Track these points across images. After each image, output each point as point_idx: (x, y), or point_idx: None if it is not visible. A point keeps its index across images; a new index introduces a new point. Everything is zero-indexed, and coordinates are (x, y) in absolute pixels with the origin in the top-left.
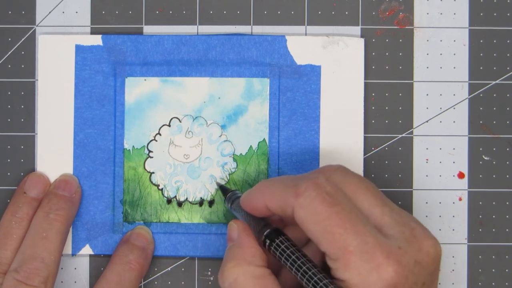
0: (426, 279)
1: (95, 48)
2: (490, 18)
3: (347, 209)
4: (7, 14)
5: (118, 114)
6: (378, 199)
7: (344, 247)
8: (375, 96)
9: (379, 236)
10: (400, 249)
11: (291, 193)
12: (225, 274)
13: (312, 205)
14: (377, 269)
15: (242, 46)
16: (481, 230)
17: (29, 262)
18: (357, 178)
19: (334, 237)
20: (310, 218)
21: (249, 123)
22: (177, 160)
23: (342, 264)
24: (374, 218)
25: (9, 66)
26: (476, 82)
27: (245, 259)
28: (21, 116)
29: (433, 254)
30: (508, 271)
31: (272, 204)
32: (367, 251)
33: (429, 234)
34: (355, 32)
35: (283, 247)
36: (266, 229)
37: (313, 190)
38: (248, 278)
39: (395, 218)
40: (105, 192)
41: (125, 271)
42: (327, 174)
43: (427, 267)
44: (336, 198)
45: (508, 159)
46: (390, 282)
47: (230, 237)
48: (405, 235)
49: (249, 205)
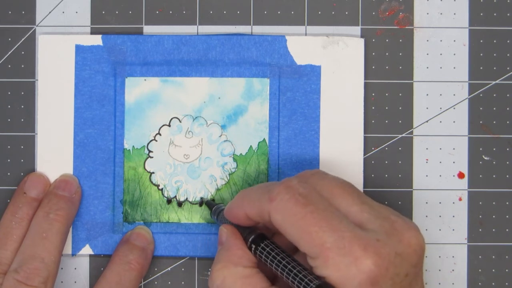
0: (409, 271)
1: (95, 48)
2: (490, 18)
3: (321, 208)
4: (7, 14)
5: (118, 114)
6: (355, 198)
7: (321, 244)
8: (375, 96)
9: (356, 231)
10: (379, 241)
11: (265, 198)
12: (213, 276)
13: (286, 208)
14: (355, 262)
15: (242, 46)
16: (481, 230)
17: (29, 262)
18: (334, 180)
19: (311, 236)
20: (285, 220)
21: (249, 123)
22: (177, 160)
23: (321, 261)
24: (353, 216)
25: (9, 66)
26: (476, 82)
27: (232, 261)
28: (21, 116)
29: (415, 245)
30: (508, 271)
31: (250, 212)
32: (344, 246)
33: (411, 225)
34: (355, 32)
35: (268, 250)
36: (251, 236)
37: (285, 193)
38: (235, 279)
39: (374, 214)
40: (105, 192)
41: (125, 271)
42: (302, 178)
43: (409, 259)
44: (309, 198)
45: (508, 159)
46: (369, 274)
47: (220, 241)
48: (384, 228)
49: (232, 215)
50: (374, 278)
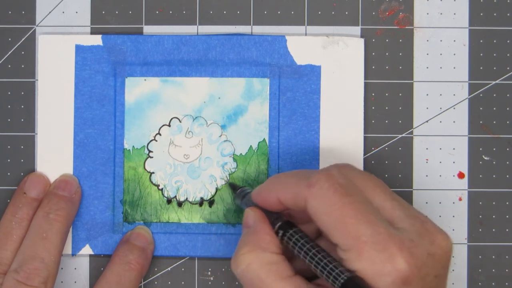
0: (439, 272)
1: (95, 48)
2: (490, 18)
3: (359, 200)
4: (7, 14)
5: (118, 114)
6: (387, 194)
7: (357, 237)
8: (375, 96)
9: (390, 228)
10: (413, 242)
11: (304, 184)
12: (238, 260)
13: (325, 196)
14: (391, 260)
15: (242, 46)
16: (481, 230)
17: (29, 263)
18: (366, 174)
19: (347, 227)
20: (322, 208)
21: (249, 123)
22: (177, 160)
23: (354, 254)
24: (385, 211)
25: (9, 66)
26: (476, 82)
27: (260, 246)
28: (21, 116)
29: (445, 247)
30: (508, 271)
31: (284, 197)
32: (380, 242)
33: (440, 228)
34: (355, 32)
35: (297, 237)
36: (279, 221)
37: (325, 181)
38: (261, 264)
39: (405, 212)
40: (105, 192)
41: (125, 271)
42: (338, 168)
43: (440, 260)
44: (348, 189)
45: (508, 159)
46: (403, 273)
47: (246, 224)
48: (416, 228)
49: (261, 199)
50: (406, 277)
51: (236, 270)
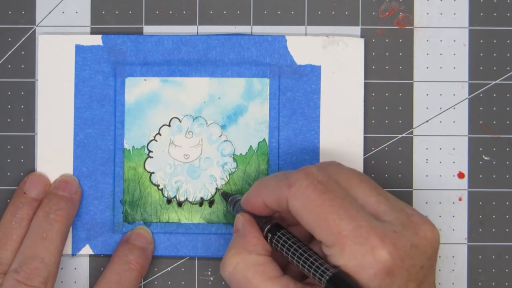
0: (424, 263)
1: (95, 48)
2: (490, 18)
3: (340, 196)
4: (7, 14)
5: (118, 114)
6: (372, 189)
7: (338, 232)
8: (375, 96)
9: (373, 221)
10: (396, 233)
11: (284, 185)
12: (226, 262)
13: (304, 194)
14: (372, 252)
15: (242, 46)
16: (481, 230)
17: (29, 263)
18: (351, 171)
19: (328, 223)
20: (303, 207)
21: (249, 123)
22: (177, 160)
23: (337, 249)
24: (370, 206)
25: (9, 66)
26: (476, 82)
27: (246, 248)
28: (21, 116)
29: (431, 238)
30: (508, 271)
31: (268, 200)
32: (361, 235)
33: (426, 219)
34: (355, 32)
35: (284, 239)
36: (267, 225)
37: (304, 179)
38: (248, 266)
39: (390, 206)
40: (105, 192)
41: (125, 271)
42: (320, 167)
43: (425, 251)
44: (327, 186)
45: (508, 159)
46: (385, 264)
47: (236, 229)
48: (401, 220)
49: (249, 204)
50: (389, 268)
51: (224, 273)
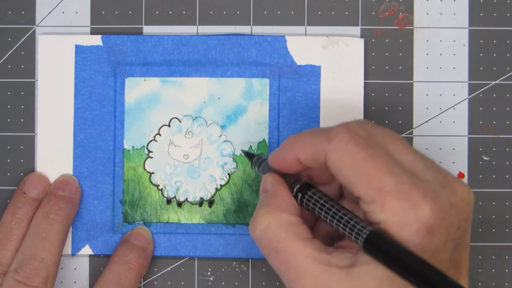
0: (461, 224)
1: (95, 48)
2: (490, 18)
3: (381, 152)
4: (7, 14)
5: (118, 114)
6: (408, 148)
7: (380, 187)
8: (375, 96)
9: (414, 178)
10: (435, 191)
11: (323, 139)
12: (257, 221)
13: (346, 148)
14: (414, 208)
15: (242, 46)
16: (481, 230)
17: (29, 263)
18: (387, 130)
19: (369, 178)
20: (344, 161)
21: (249, 123)
22: (177, 160)
23: (378, 205)
24: (407, 164)
25: (9, 66)
26: (476, 82)
27: (279, 207)
28: (21, 116)
29: (467, 199)
30: (508, 271)
31: (303, 154)
32: (403, 191)
33: (461, 181)
34: (355, 32)
35: (316, 198)
36: (297, 184)
37: (346, 134)
38: (280, 225)
39: (427, 165)
40: (105, 192)
41: (125, 271)
42: (357, 122)
43: (462, 212)
44: (369, 141)
45: (508, 159)
46: (427, 221)
47: (264, 189)
48: (438, 180)
49: (279, 161)
50: (431, 226)
51: (254, 232)
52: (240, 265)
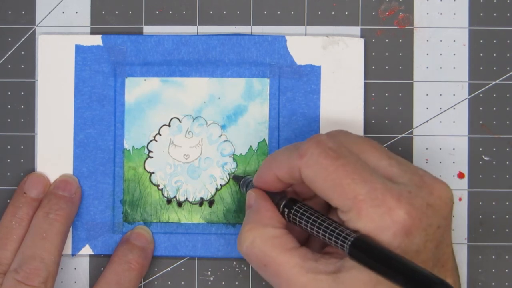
0: (440, 223)
1: (95, 48)
2: (490, 18)
3: (352, 161)
4: (7, 14)
5: (118, 114)
6: (383, 153)
7: (353, 196)
8: (375, 96)
9: (387, 183)
10: (411, 193)
11: (295, 156)
12: (242, 238)
13: (317, 162)
14: (389, 213)
15: (242, 46)
16: (481, 230)
17: (29, 262)
18: (360, 137)
19: (343, 188)
20: (316, 175)
21: (249, 123)
22: (177, 160)
23: (354, 214)
24: (382, 170)
25: (9, 66)
26: (476, 82)
27: (262, 222)
28: (21, 116)
29: (445, 198)
30: (508, 271)
31: (280, 173)
32: (377, 197)
33: (439, 179)
34: (355, 32)
35: (301, 211)
36: (283, 201)
37: (315, 148)
38: (265, 239)
39: (403, 168)
40: (105, 192)
41: (125, 270)
42: (329, 134)
43: (440, 211)
44: (339, 152)
45: (508, 159)
46: (403, 224)
47: (249, 204)
48: (414, 181)
49: (261, 181)
50: (408, 228)
51: (241, 248)
52: (240, 265)
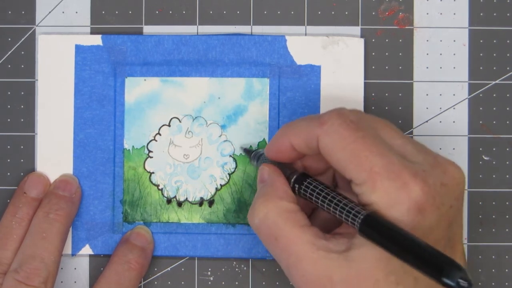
0: (453, 203)
1: (95, 48)
2: (490, 18)
3: (371, 135)
4: (7, 14)
5: (118, 114)
6: (398, 133)
7: (370, 168)
8: (375, 96)
9: (403, 160)
10: (425, 172)
11: (315, 124)
12: (256, 209)
13: (337, 132)
14: (404, 188)
15: (242, 46)
16: (481, 230)
17: (29, 262)
18: (375, 117)
19: (360, 160)
20: (335, 144)
21: (249, 123)
22: (177, 160)
23: (369, 186)
24: (397, 148)
25: (9, 66)
26: (476, 82)
27: (277, 195)
28: (21, 116)
29: (458, 178)
30: (508, 271)
31: (297, 140)
32: (393, 171)
33: (451, 161)
34: (355, 32)
35: (312, 187)
36: (294, 175)
37: (337, 118)
38: (279, 212)
39: (416, 147)
40: (105, 192)
41: (125, 270)
42: (350, 110)
43: (453, 191)
44: (359, 124)
45: (508, 159)
46: (418, 200)
47: (261, 179)
48: (428, 161)
49: (275, 149)
50: (421, 205)
51: (254, 220)
52: (240, 265)
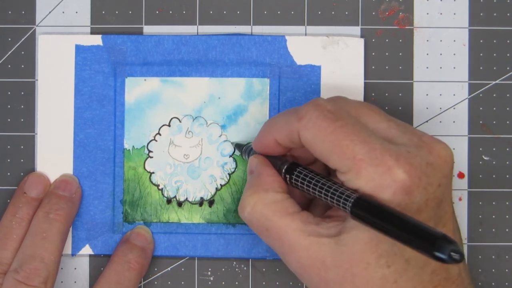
0: (441, 181)
1: (95, 48)
2: (490, 18)
3: (350, 122)
4: (7, 14)
5: (118, 114)
6: (382, 116)
7: (353, 156)
8: (375, 96)
9: (386, 144)
10: (410, 153)
11: (294, 119)
12: (243, 203)
13: (315, 124)
14: (388, 172)
15: (242, 46)
16: (481, 230)
17: (29, 262)
18: (358, 101)
19: (342, 149)
20: (316, 137)
21: (249, 123)
22: (177, 160)
23: (353, 174)
24: (381, 132)
25: (9, 66)
26: (476, 82)
27: (262, 187)
28: (21, 116)
29: (445, 156)
30: (508, 271)
31: (279, 136)
32: (376, 157)
33: (437, 139)
34: (355, 32)
35: (302, 175)
36: (284, 165)
37: (314, 110)
38: (266, 204)
39: (401, 129)
40: (105, 192)
41: (125, 270)
42: (328, 99)
43: (440, 169)
44: (337, 114)
45: (508, 159)
46: (403, 183)
47: (250, 170)
48: (413, 141)
49: (261, 145)
50: (408, 187)
51: (243, 213)
52: (240, 265)
